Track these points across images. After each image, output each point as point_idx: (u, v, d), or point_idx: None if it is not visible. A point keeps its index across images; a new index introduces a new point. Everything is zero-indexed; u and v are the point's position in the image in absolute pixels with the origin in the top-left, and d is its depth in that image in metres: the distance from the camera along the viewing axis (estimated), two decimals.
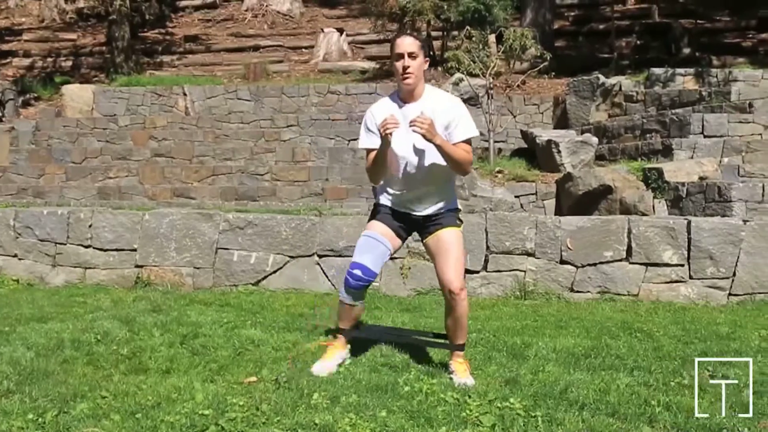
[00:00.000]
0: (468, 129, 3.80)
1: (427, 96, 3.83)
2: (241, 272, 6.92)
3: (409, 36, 3.80)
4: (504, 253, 6.72)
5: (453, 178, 4.02)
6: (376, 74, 21.64)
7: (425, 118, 3.58)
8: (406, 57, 3.71)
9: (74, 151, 16.53)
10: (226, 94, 19.10)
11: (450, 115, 3.77)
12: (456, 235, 3.91)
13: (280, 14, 27.61)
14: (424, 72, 3.81)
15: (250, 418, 3.21)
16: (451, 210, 3.98)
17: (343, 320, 4.07)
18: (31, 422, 3.13)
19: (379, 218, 3.98)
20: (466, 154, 3.76)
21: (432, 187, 3.88)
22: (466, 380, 3.82)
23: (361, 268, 3.85)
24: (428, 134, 3.56)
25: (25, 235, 7.26)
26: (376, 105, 3.99)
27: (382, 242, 3.91)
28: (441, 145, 3.63)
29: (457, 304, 3.84)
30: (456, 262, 3.85)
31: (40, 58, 25.51)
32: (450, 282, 3.81)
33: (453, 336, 4.01)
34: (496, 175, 12.37)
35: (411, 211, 3.94)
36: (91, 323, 5.15)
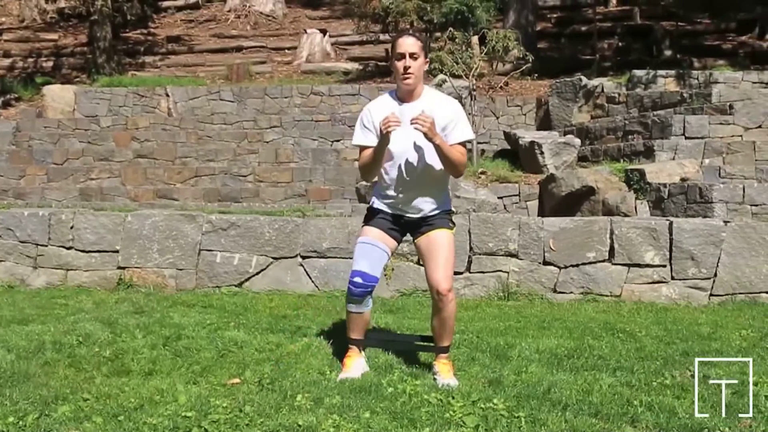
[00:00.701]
0: (465, 131, 3.83)
1: (426, 96, 3.85)
2: (224, 273, 6.89)
3: (411, 36, 3.81)
4: (487, 254, 6.74)
5: (447, 180, 4.03)
6: (360, 75, 21.65)
7: (427, 117, 3.59)
8: (408, 57, 3.72)
9: (55, 152, 16.40)
10: (208, 95, 19.03)
11: (448, 116, 3.79)
12: (447, 236, 3.92)
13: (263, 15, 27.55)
14: None
15: (234, 419, 3.20)
16: (445, 211, 3.99)
17: (354, 330, 4.04)
18: (11, 425, 3.10)
19: (373, 223, 3.98)
20: (461, 156, 3.78)
21: (426, 188, 3.88)
22: (449, 381, 3.83)
23: (361, 275, 3.85)
24: (429, 133, 3.58)
25: (6, 237, 7.19)
26: (374, 103, 3.99)
27: (378, 246, 3.91)
28: (440, 145, 3.65)
29: (445, 305, 3.84)
30: (445, 263, 3.85)
31: (20, 59, 25.27)
32: (438, 283, 3.82)
33: (438, 337, 4.01)
34: (479, 176, 12.40)
35: (404, 213, 3.95)
36: (73, 325, 5.10)
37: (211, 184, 14.44)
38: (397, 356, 4.36)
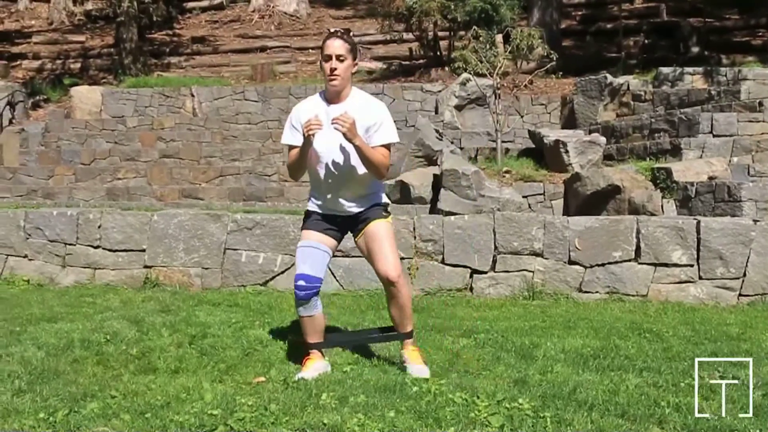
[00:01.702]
0: (387, 134, 3.84)
1: (353, 98, 3.87)
2: (249, 273, 6.93)
3: (339, 38, 3.80)
4: (512, 254, 6.71)
5: (375, 180, 4.00)
6: (383, 74, 21.65)
7: (347, 117, 3.62)
8: (334, 59, 3.75)
9: (83, 152, 16.60)
10: (233, 95, 19.15)
11: (372, 118, 3.81)
12: (384, 226, 3.95)
13: (287, 15, 27.65)
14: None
15: (259, 418, 3.22)
16: (378, 205, 4.01)
17: (310, 335, 4.02)
18: (42, 421, 3.15)
19: (309, 225, 4.02)
20: (383, 158, 3.80)
21: (353, 188, 3.92)
22: (420, 367, 3.89)
23: (303, 277, 3.87)
24: (349, 133, 3.61)
25: (36, 236, 7.29)
26: (303, 103, 4.02)
27: (317, 248, 3.95)
28: (359, 147, 3.68)
29: (399, 291, 3.90)
30: (389, 252, 3.89)
31: (49, 60, 25.62)
32: (387, 271, 3.86)
33: (400, 325, 4.05)
34: (504, 175, 12.36)
35: (336, 212, 3.99)
36: (101, 323, 5.17)
37: (236, 184, 14.53)
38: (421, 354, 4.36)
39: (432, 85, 18.93)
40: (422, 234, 6.78)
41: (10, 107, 20.31)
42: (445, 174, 10.62)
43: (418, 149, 12.17)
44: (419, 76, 20.57)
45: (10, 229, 7.31)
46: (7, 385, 3.66)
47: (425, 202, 11.05)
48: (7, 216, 7.40)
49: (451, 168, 10.61)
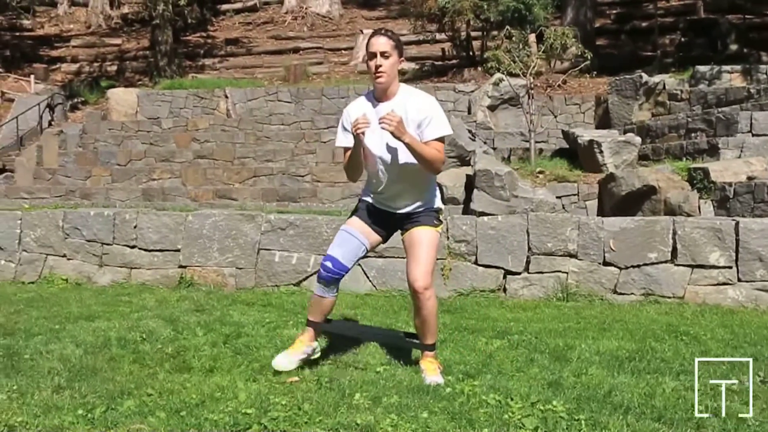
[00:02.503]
0: (440, 128, 3.78)
1: (401, 95, 3.83)
2: (283, 273, 6.97)
3: (383, 35, 3.80)
4: (546, 254, 6.66)
5: (431, 177, 3.98)
6: (416, 75, 21.64)
7: (393, 116, 3.59)
8: (379, 56, 3.73)
9: (119, 153, 16.85)
10: (266, 96, 19.29)
11: (423, 113, 3.76)
12: (430, 234, 3.91)
13: (320, 16, 27.78)
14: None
15: (293, 417, 3.23)
16: (431, 209, 3.97)
17: (314, 313, 4.03)
18: (81, 417, 3.20)
19: (359, 215, 4.00)
20: (437, 153, 3.76)
21: (407, 185, 3.87)
22: (435, 378, 3.81)
23: (332, 260, 3.87)
24: (396, 131, 3.58)
25: (74, 236, 7.42)
26: (352, 104, 4.00)
27: (356, 237, 3.93)
28: (410, 143, 3.64)
29: (422, 303, 3.84)
30: (424, 261, 3.84)
31: (87, 63, 26.05)
32: (414, 280, 3.82)
33: (422, 336, 4.01)
34: (537, 175, 12.28)
35: (389, 208, 3.95)
36: (137, 322, 5.24)
37: (270, 184, 14.63)
38: (453, 356, 4.35)
39: (465, 85, 18.88)
40: (455, 235, 6.76)
41: (49, 110, 20.73)
42: (478, 174, 10.57)
43: (450, 150, 12.13)
44: (452, 77, 20.54)
45: (49, 229, 7.45)
46: (47, 381, 3.73)
47: (458, 203, 11.02)
48: (47, 216, 7.53)
49: (484, 168, 10.57)
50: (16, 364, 4.11)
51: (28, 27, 29.14)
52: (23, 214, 7.66)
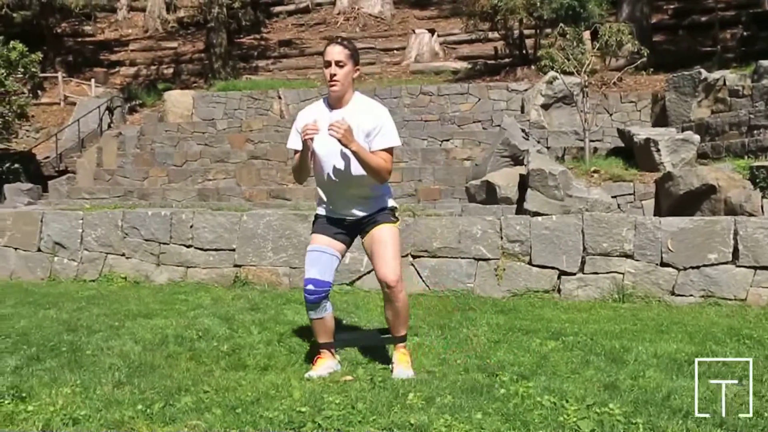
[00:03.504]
0: (388, 138, 3.83)
1: (354, 103, 3.88)
2: (336, 272, 6.99)
3: (338, 45, 3.84)
4: (601, 255, 6.56)
5: (379, 184, 3.97)
6: (468, 74, 21.54)
7: (342, 123, 3.64)
8: (333, 65, 3.77)
9: (175, 154, 17.16)
10: (319, 96, 19.13)
11: (373, 123, 3.80)
12: (390, 230, 3.95)
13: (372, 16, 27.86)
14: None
15: (346, 416, 3.24)
16: (383, 209, 4.00)
17: (320, 336, 4.06)
18: (140, 412, 3.27)
19: (318, 230, 4.05)
20: (384, 162, 3.80)
21: (356, 193, 3.92)
22: (406, 372, 3.87)
23: (312, 282, 3.91)
24: (344, 139, 3.62)
25: (132, 235, 7.59)
26: (305, 109, 4.07)
27: (325, 252, 3.97)
28: (356, 151, 3.68)
29: (395, 297, 3.91)
30: (391, 257, 3.90)
31: (144, 67, 26.64)
32: (385, 275, 3.87)
33: (394, 328, 4.05)
34: (592, 174, 12.09)
35: (344, 216, 4.00)
36: (193, 320, 5.34)
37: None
38: (507, 357, 4.31)
39: (518, 84, 18.72)
40: (509, 235, 6.71)
41: (109, 112, 21.27)
42: (532, 174, 10.46)
43: (503, 149, 12.04)
44: (505, 75, 20.38)
45: (109, 228, 7.64)
46: (108, 376, 3.83)
47: (511, 203, 10.92)
48: (107, 216, 7.73)
49: (538, 168, 10.45)
50: (79, 360, 4.24)
51: (89, 33, 29.95)
52: (84, 214, 7.88)
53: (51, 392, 3.52)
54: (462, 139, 15.88)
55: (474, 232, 6.79)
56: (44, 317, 5.56)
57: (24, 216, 8.08)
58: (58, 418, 3.19)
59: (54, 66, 25.05)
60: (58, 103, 23.48)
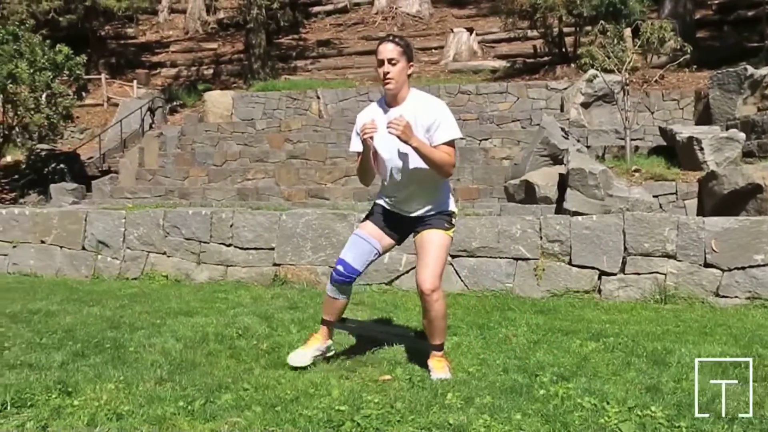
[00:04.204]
0: (448, 131, 3.81)
1: (411, 100, 3.87)
2: (374, 271, 7.02)
3: (390, 42, 3.83)
4: (643, 255, 6.46)
5: (443, 180, 3.97)
6: (507, 73, 21.41)
7: (400, 120, 3.62)
8: (386, 63, 3.78)
9: (215, 154, 17.35)
10: (358, 96, 19.46)
11: (431, 117, 3.79)
12: (439, 236, 3.91)
13: (410, 16, 27.85)
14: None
15: (385, 415, 3.25)
16: (443, 213, 3.97)
17: (327, 312, 4.10)
18: (181, 409, 3.31)
19: (371, 218, 4.07)
20: (447, 156, 3.78)
21: (418, 188, 3.90)
22: (442, 374, 3.85)
23: (343, 264, 3.94)
24: (403, 135, 3.61)
25: (173, 234, 7.70)
26: (364, 110, 4.08)
27: (368, 241, 3.99)
28: (418, 147, 3.68)
29: (430, 305, 3.86)
30: (433, 263, 3.85)
31: (185, 68, 26.98)
32: (422, 282, 3.84)
33: (429, 336, 4.01)
34: (633, 174, 11.92)
35: (401, 212, 3.99)
36: (233, 318, 5.39)
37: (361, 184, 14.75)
38: (547, 357, 4.28)
39: (557, 82, 18.56)
40: (548, 234, 6.65)
41: (150, 113, 21.60)
42: (572, 173, 10.35)
43: (543, 148, 11.93)
44: (544, 74, 20.22)
45: (150, 227, 7.76)
46: (150, 373, 3.89)
47: (551, 202, 10.82)
48: (149, 215, 7.85)
49: (578, 167, 10.34)
50: (122, 356, 4.31)
51: (131, 35, 30.46)
52: (127, 213, 8.01)
53: (96, 387, 3.59)
54: (501, 138, 15.79)
55: (513, 231, 6.74)
56: (88, 314, 5.66)
57: (69, 215, 8.25)
58: (102, 413, 3.25)
59: (98, 68, 25.51)
60: (102, 105, 23.92)
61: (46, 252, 8.15)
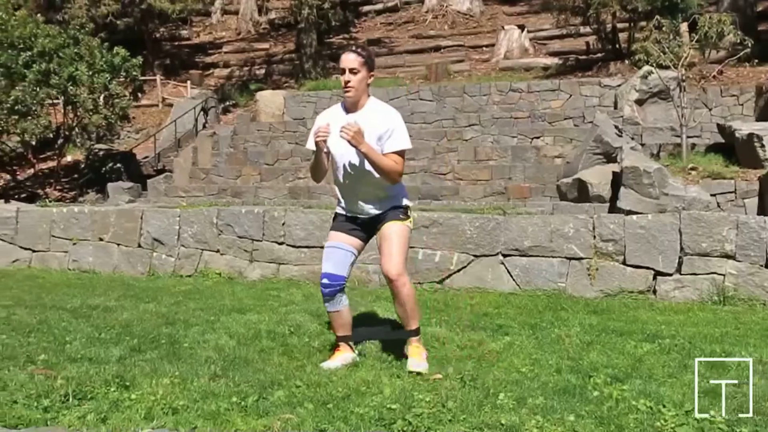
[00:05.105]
0: (399, 141, 3.98)
1: (368, 107, 4.04)
2: (426, 270, 7.01)
3: (353, 52, 4.00)
4: (700, 255, 6.31)
5: (392, 185, 4.10)
6: (559, 70, 21.14)
7: (352, 126, 3.81)
8: (348, 72, 3.95)
9: (267, 153, 17.54)
10: (408, 94, 19.45)
11: (384, 126, 3.95)
12: (397, 227, 4.09)
13: (460, 14, 27.71)
14: None
15: (436, 414, 3.24)
16: (397, 207, 4.14)
17: (337, 329, 4.25)
18: (235, 405, 3.36)
19: (335, 227, 4.26)
20: (394, 164, 3.96)
21: (369, 192, 4.08)
22: (419, 365, 3.94)
23: (327, 276, 4.12)
24: (353, 140, 3.80)
25: (226, 232, 7.81)
26: (323, 112, 4.26)
27: (340, 247, 4.16)
28: (366, 153, 3.86)
29: (398, 290, 4.02)
30: (395, 252, 4.02)
31: (237, 68, 27.33)
32: (387, 270, 4.01)
33: (405, 322, 4.17)
34: (689, 172, 11.67)
35: (357, 214, 4.17)
36: (285, 316, 5.44)
37: (412, 183, 14.74)
38: (600, 358, 4.21)
39: (610, 79, 18.26)
40: (602, 234, 6.55)
41: (203, 113, 21.95)
42: (626, 171, 10.17)
43: (596, 146, 11.76)
44: (597, 71, 19.92)
45: (204, 226, 7.89)
46: (204, 369, 3.96)
47: (604, 201, 10.66)
48: (203, 214, 7.98)
49: (632, 165, 10.16)
50: (177, 352, 4.39)
51: (185, 37, 30.99)
52: (181, 211, 8.16)
53: (152, 382, 3.66)
54: (553, 136, 15.61)
55: (566, 230, 6.66)
56: (144, 310, 5.79)
57: (125, 213, 8.43)
58: (158, 407, 3.31)
59: (153, 69, 26.03)
60: (157, 105, 24.40)
61: (104, 249, 8.36)
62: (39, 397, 3.44)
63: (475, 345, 4.55)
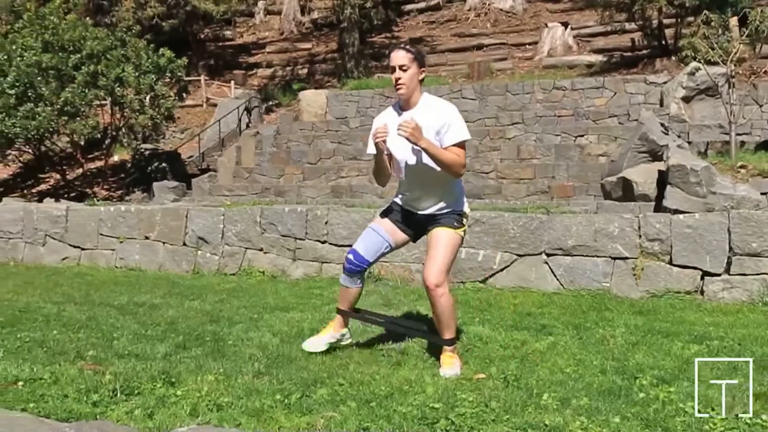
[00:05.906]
0: (457, 133, 3.96)
1: (422, 104, 4.04)
2: (469, 269, 6.98)
3: (401, 50, 4.00)
4: (750, 255, 6.17)
5: (455, 181, 4.13)
6: (604, 67, 20.86)
7: (409, 123, 3.81)
8: (398, 70, 3.95)
9: (310, 152, 17.64)
10: (450, 93, 19.37)
11: (441, 120, 3.94)
12: (447, 234, 4.07)
13: (503, 12, 27.52)
14: None
15: (480, 414, 3.22)
16: (454, 212, 4.13)
17: (341, 301, 4.36)
18: (278, 402, 3.39)
19: (385, 213, 4.33)
20: (456, 157, 3.94)
21: (430, 187, 4.07)
22: (449, 371, 3.91)
23: (354, 253, 4.22)
24: (412, 137, 3.80)
25: (269, 231, 7.88)
26: (379, 115, 4.28)
27: (380, 234, 4.22)
28: (426, 148, 3.85)
29: (435, 300, 4.00)
30: (439, 259, 4.01)
31: (280, 68, 27.56)
32: (427, 277, 4.00)
33: (439, 330, 4.14)
34: (739, 170, 11.41)
35: (414, 209, 4.18)
36: (328, 314, 5.45)
37: None
38: (647, 359, 4.14)
39: (656, 76, 17.95)
40: (648, 233, 6.44)
41: (247, 112, 22.18)
42: (672, 170, 9.99)
43: (641, 144, 11.57)
44: (642, 68, 19.60)
45: (248, 224, 7.97)
46: (248, 366, 4.00)
47: (649, 200, 10.48)
48: (246, 213, 8.06)
49: (679, 163, 9.97)
50: (221, 349, 4.45)
51: (229, 37, 31.36)
52: (225, 210, 8.25)
53: (197, 379, 3.72)
54: (597, 134, 15.40)
55: (611, 230, 6.56)
56: (189, 308, 5.87)
57: (171, 212, 8.57)
58: (203, 404, 3.36)
59: (197, 70, 26.39)
60: (201, 105, 24.73)
61: (149, 247, 8.50)
62: (88, 391, 3.52)
63: (518, 345, 4.52)
